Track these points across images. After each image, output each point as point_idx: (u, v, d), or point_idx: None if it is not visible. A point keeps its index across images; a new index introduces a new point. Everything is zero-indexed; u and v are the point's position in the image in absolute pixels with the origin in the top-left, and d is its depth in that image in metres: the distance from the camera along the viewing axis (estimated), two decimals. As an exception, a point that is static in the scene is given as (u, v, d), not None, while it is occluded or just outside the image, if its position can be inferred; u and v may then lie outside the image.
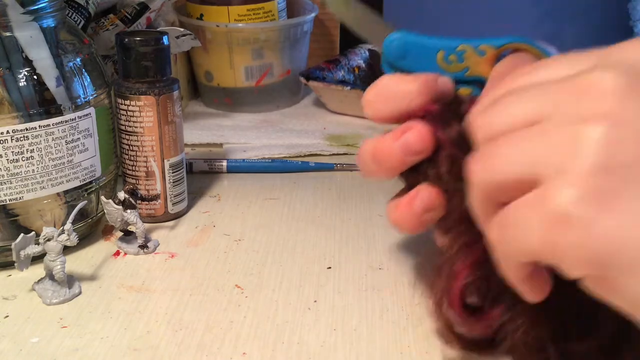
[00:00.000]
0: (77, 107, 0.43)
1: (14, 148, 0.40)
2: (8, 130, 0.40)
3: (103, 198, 0.45)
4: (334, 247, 0.46)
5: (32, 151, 0.41)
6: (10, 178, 0.41)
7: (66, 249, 0.41)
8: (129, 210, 0.45)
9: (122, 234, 0.47)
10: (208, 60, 0.74)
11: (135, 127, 0.47)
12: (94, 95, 0.45)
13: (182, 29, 0.61)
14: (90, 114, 0.44)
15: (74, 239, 0.39)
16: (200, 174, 0.59)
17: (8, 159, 0.40)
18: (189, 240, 0.48)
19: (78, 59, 0.44)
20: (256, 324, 0.38)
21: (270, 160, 0.61)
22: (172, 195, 0.50)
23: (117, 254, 0.45)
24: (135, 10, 0.62)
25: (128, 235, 0.46)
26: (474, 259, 0.31)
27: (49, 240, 0.39)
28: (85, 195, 0.45)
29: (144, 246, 0.45)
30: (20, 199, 0.42)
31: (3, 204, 0.41)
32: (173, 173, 0.49)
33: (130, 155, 0.48)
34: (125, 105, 0.47)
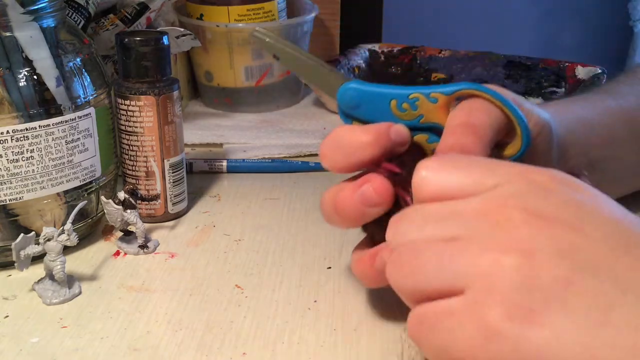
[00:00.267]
0: (77, 107, 0.43)
1: (14, 148, 0.40)
2: (8, 130, 0.40)
3: (103, 198, 0.45)
4: (334, 247, 0.46)
5: (32, 151, 0.41)
6: (10, 178, 0.41)
7: (66, 249, 0.41)
8: (129, 210, 0.45)
9: (122, 234, 0.47)
10: (208, 60, 0.74)
11: (135, 127, 0.47)
12: (94, 95, 0.45)
13: (182, 29, 0.61)
14: (90, 114, 0.44)
15: (74, 239, 0.39)
16: (200, 174, 0.59)
17: (8, 159, 0.40)
18: (189, 240, 0.48)
19: (78, 59, 0.44)
20: (256, 324, 0.38)
21: (270, 160, 0.61)
22: (172, 195, 0.50)
23: (117, 254, 0.45)
24: (135, 10, 0.62)
25: (128, 235, 0.46)
26: None
27: (49, 240, 0.39)
28: (85, 195, 0.45)
29: (144, 246, 0.45)
30: (20, 199, 0.42)
31: (3, 204, 0.41)
32: (173, 173, 0.49)
33: (130, 155, 0.48)
34: (125, 105, 0.47)
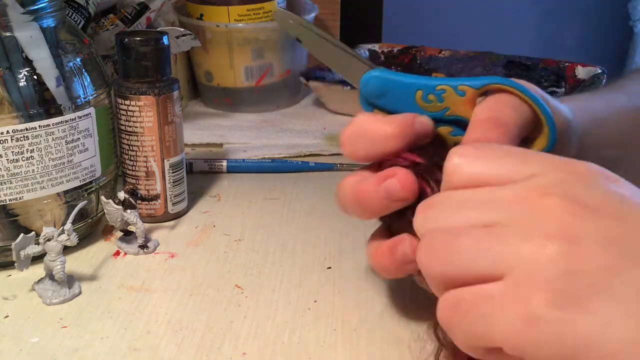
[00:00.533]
0: (77, 107, 0.43)
1: (14, 148, 0.40)
2: (8, 130, 0.40)
3: (103, 198, 0.45)
4: (334, 247, 0.46)
5: (32, 151, 0.41)
6: (10, 178, 0.41)
7: (66, 249, 0.41)
8: (129, 210, 0.45)
9: (122, 234, 0.47)
10: (208, 60, 0.74)
11: (135, 127, 0.47)
12: (94, 95, 0.45)
13: (182, 29, 0.61)
14: (90, 114, 0.44)
15: (74, 239, 0.39)
16: (200, 174, 0.59)
17: (8, 159, 0.40)
18: (189, 240, 0.48)
19: (78, 59, 0.44)
20: (256, 324, 0.38)
21: (270, 160, 0.61)
22: (172, 195, 0.50)
23: (117, 254, 0.45)
24: (135, 10, 0.62)
25: (128, 235, 0.46)
26: None
27: (49, 240, 0.39)
28: (85, 195, 0.45)
29: (144, 246, 0.45)
30: (20, 199, 0.42)
31: (3, 204, 0.41)
32: (173, 173, 0.49)
33: (130, 155, 0.48)
34: (125, 105, 0.47)
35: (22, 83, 0.41)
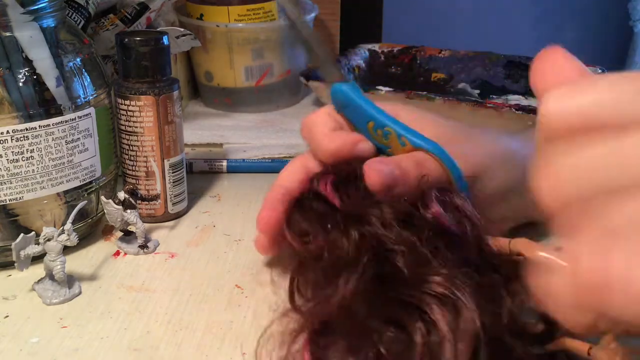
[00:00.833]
0: (77, 107, 0.43)
1: (14, 148, 0.40)
2: (8, 130, 0.40)
3: (103, 198, 0.45)
4: (334, 247, 0.46)
5: (32, 151, 0.41)
6: (10, 178, 0.41)
7: (66, 249, 0.41)
8: (129, 210, 0.45)
9: (122, 234, 0.47)
10: (208, 60, 0.74)
11: (135, 127, 0.47)
12: (94, 95, 0.45)
13: (182, 29, 0.61)
14: (90, 114, 0.44)
15: (74, 239, 0.39)
16: (200, 174, 0.59)
17: (8, 159, 0.40)
18: (189, 240, 0.48)
19: (78, 59, 0.44)
20: (256, 324, 0.38)
21: (270, 160, 0.61)
22: (172, 195, 0.50)
23: (117, 254, 0.45)
24: (135, 10, 0.62)
25: (128, 235, 0.46)
26: None
27: (49, 240, 0.39)
28: (85, 195, 0.45)
29: (144, 246, 0.45)
30: (20, 199, 0.42)
31: (3, 204, 0.41)
32: (173, 173, 0.49)
33: (130, 155, 0.48)
34: (125, 105, 0.47)
35: (22, 83, 0.41)
